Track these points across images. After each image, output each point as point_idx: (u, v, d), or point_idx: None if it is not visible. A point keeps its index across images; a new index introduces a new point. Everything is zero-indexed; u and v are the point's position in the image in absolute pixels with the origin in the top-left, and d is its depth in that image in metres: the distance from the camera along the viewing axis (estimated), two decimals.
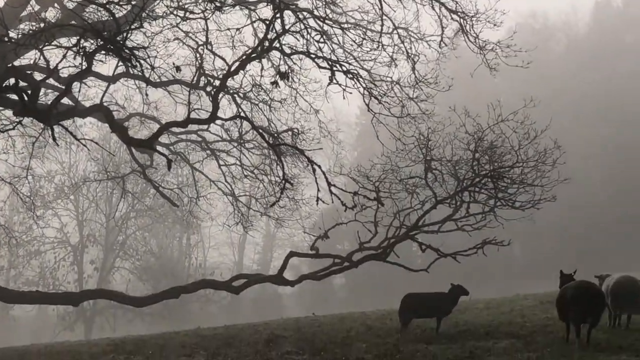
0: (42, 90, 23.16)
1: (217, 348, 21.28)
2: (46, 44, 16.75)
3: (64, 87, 19.72)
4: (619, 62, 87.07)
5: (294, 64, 22.30)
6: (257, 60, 22.16)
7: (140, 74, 19.10)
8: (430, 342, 18.96)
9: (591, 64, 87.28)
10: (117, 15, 17.09)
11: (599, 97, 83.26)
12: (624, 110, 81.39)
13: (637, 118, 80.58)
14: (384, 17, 22.39)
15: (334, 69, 20.84)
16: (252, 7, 23.21)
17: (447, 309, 21.44)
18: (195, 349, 21.46)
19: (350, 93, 21.37)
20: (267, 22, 20.43)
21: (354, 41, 22.89)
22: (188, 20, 23.11)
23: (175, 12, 22.09)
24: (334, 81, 20.71)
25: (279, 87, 21.63)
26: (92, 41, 16.81)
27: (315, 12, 22.27)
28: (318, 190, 20.74)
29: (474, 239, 25.26)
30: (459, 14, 22.02)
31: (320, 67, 21.27)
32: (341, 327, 25.07)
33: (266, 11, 25.81)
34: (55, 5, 22.74)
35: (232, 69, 21.72)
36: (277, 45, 21.28)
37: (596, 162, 78.60)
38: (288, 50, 21.70)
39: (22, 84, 17.57)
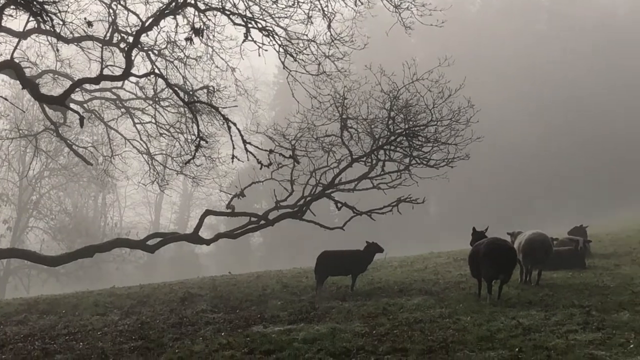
0: None
1: (131, 307, 21.16)
2: None
3: None
4: (533, 21, 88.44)
5: (209, 20, 22.02)
6: (171, 17, 21.82)
7: (51, 29, 18.67)
8: (345, 299, 19.14)
9: (505, 22, 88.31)
10: None
11: (515, 55, 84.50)
12: (542, 69, 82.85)
13: (551, 77, 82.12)
14: None
15: (249, 25, 20.65)
16: None
17: (362, 267, 21.63)
18: (109, 307, 21.31)
19: (266, 50, 21.26)
20: None
21: None
22: None
23: None
24: (249, 38, 20.56)
25: (194, 43, 21.26)
26: None
27: None
28: (234, 148, 20.59)
29: (390, 197, 25.47)
30: None
31: (235, 23, 21.04)
32: (257, 285, 25.13)
33: None
34: None
35: (146, 25, 21.38)
36: (192, 1, 20.99)
37: (512, 123, 79.91)
38: (202, 6, 21.41)
39: None
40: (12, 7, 16.74)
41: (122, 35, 25.32)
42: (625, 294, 17.48)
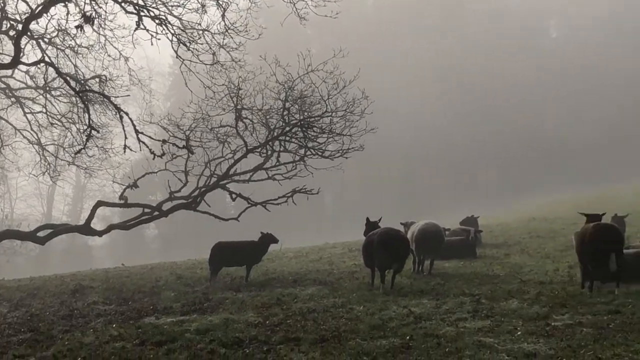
0: None
1: (21, 299, 20.71)
2: None
3: None
4: (428, 15, 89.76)
5: (100, 8, 21.56)
6: (62, 4, 21.30)
7: None
8: (239, 290, 19.09)
9: (400, 15, 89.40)
10: None
11: (412, 48, 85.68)
12: (440, 62, 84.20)
13: (445, 73, 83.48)
14: None
15: (142, 14, 20.31)
16: None
17: (256, 258, 21.61)
18: None
19: (159, 39, 20.92)
20: None
21: None
22: None
23: None
24: (142, 27, 20.21)
25: (85, 32, 20.88)
26: None
27: None
28: (126, 138, 20.25)
29: (285, 188, 25.51)
30: None
31: (127, 12, 20.66)
32: (150, 276, 24.88)
33: None
34: None
35: (36, 12, 20.83)
36: None
37: (414, 115, 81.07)
38: None
39: None
40: None
41: (11, 22, 24.63)
42: (514, 282, 17.94)
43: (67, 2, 21.33)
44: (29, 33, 23.19)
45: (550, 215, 40.02)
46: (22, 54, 21.01)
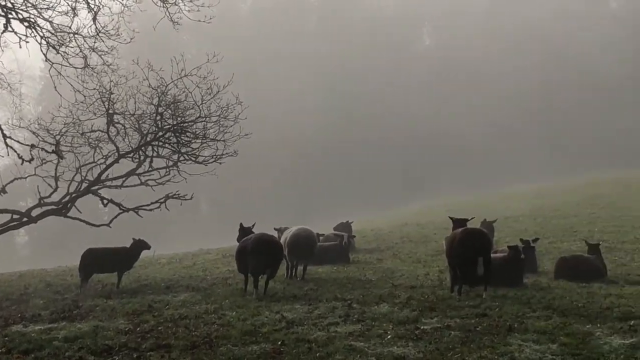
0: None
1: None
2: None
3: None
4: (306, 19, 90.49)
5: None
6: None
7: None
8: (110, 297, 18.76)
9: (276, 21, 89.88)
10: None
11: (291, 55, 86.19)
12: (318, 70, 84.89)
13: (324, 79, 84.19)
14: None
15: (10, 16, 19.79)
16: None
17: (128, 264, 21.29)
18: None
19: (28, 42, 20.41)
20: None
21: None
22: None
23: None
24: (10, 29, 19.70)
25: None
26: None
27: None
28: None
29: (159, 193, 25.25)
30: None
31: None
32: (19, 284, 24.22)
33: None
34: None
35: None
36: None
37: (291, 120, 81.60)
38: None
39: None
40: None
41: None
42: (385, 287, 18.25)
43: None
44: None
45: (423, 220, 40.81)
46: None
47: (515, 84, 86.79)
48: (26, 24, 20.23)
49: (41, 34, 20.82)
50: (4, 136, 20.47)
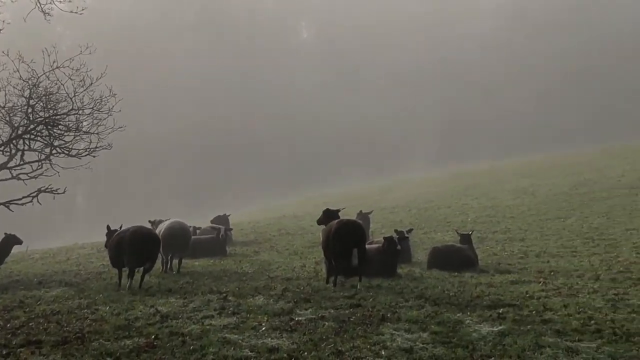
0: None
1: None
2: None
3: None
4: (182, 14, 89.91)
5: None
6: None
7: None
8: None
9: (154, 14, 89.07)
10: None
11: (166, 49, 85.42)
12: (192, 63, 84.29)
13: (200, 71, 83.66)
14: None
15: None
16: None
17: None
18: None
19: None
20: None
21: None
22: None
23: None
24: None
25: None
26: None
27: None
28: None
29: (31, 187, 24.66)
30: None
31: None
32: None
33: None
34: None
35: None
36: None
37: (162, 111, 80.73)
38: None
39: None
40: None
41: None
42: (261, 279, 18.31)
43: None
44: None
45: (300, 212, 41.04)
46: None
47: (412, 69, 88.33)
48: None
49: None
50: None
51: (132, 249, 17.10)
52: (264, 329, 12.13)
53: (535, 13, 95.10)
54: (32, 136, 23.46)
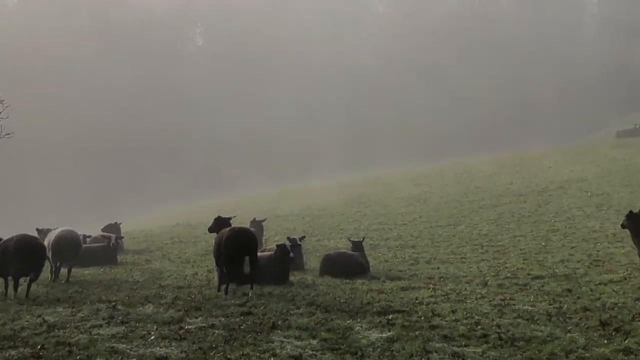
0: None
1: None
2: None
3: None
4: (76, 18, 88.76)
5: None
6: None
7: None
8: None
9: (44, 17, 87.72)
10: None
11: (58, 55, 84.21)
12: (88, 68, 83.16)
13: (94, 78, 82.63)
14: None
15: None
16: None
17: None
18: None
19: None
20: None
21: None
22: None
23: None
24: None
25: None
26: None
27: None
28: None
29: None
30: None
31: None
32: None
33: None
34: None
35: None
36: None
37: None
38: None
39: None
40: None
41: None
42: (152, 287, 18.14)
43: None
44: None
45: (193, 220, 40.73)
46: None
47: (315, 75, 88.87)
48: None
49: None
50: None
51: (17, 258, 16.67)
52: (152, 337, 12.02)
53: (435, 22, 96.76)
54: None
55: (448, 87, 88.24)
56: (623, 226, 18.30)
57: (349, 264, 19.77)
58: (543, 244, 24.50)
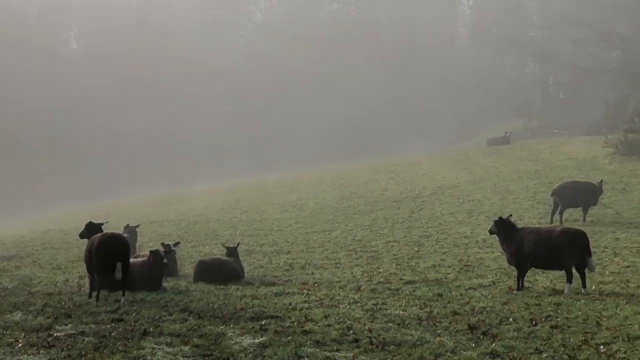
0: None
1: None
2: None
3: None
4: None
5: None
6: None
7: None
8: None
9: None
10: None
11: None
12: None
13: None
14: None
15: None
16: None
17: None
18: None
19: None
20: None
21: None
22: None
23: None
24: None
25: None
26: None
27: None
28: None
29: None
30: None
31: None
32: None
33: None
34: None
35: None
36: None
37: None
38: None
39: None
40: None
41: None
42: (21, 294, 17.85)
43: None
44: None
45: (66, 226, 39.90)
46: None
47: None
48: None
49: None
50: None
51: None
52: (20, 345, 11.80)
53: (314, 30, 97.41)
54: None
55: (328, 95, 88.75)
56: (491, 232, 18.75)
57: (223, 270, 19.75)
58: (416, 249, 24.91)
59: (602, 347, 11.68)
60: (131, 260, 17.43)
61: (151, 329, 12.87)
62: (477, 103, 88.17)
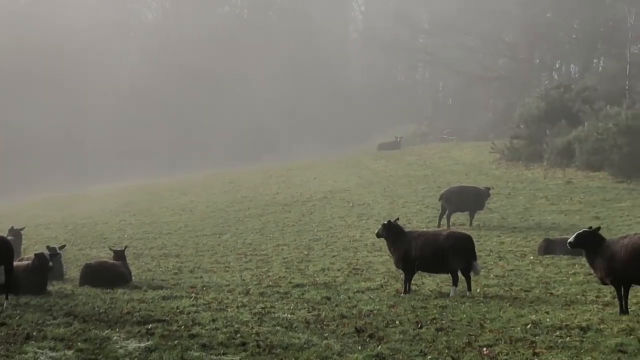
0: None
1: None
2: None
3: None
4: None
5: None
6: None
7: None
8: None
9: None
10: None
11: None
12: None
13: None
14: None
15: None
16: None
17: None
18: None
19: None
20: None
21: None
22: None
23: None
24: None
25: None
26: None
27: None
28: None
29: None
30: None
31: None
32: None
33: None
34: None
35: None
36: None
37: None
38: None
39: None
40: None
41: None
42: None
43: None
44: None
45: None
46: None
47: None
48: None
49: None
50: None
51: None
52: None
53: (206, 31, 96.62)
54: None
55: (222, 98, 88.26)
56: (378, 235, 18.88)
57: (109, 273, 19.47)
58: (305, 252, 25.05)
59: (485, 349, 11.90)
60: (15, 263, 17.03)
61: (34, 333, 12.60)
62: (370, 108, 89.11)
